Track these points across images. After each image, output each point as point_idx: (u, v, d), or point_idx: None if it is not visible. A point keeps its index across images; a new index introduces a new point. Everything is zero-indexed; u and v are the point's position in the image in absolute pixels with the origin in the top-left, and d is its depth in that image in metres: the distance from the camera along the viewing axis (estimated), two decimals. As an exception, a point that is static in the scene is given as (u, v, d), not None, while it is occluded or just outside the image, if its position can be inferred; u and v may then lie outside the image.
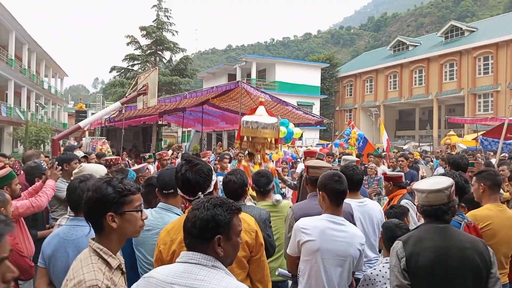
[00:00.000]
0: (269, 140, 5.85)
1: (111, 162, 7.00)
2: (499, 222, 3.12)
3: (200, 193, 2.20)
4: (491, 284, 2.21)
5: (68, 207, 2.69)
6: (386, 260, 2.89)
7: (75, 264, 1.78)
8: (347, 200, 3.56)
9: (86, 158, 7.02)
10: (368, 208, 3.58)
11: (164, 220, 2.59)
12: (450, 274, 2.17)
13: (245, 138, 5.94)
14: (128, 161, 11.16)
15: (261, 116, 5.86)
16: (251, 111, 6.26)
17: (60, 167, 4.21)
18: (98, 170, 3.57)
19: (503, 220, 3.14)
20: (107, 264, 1.76)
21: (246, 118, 5.89)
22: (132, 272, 2.61)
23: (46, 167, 4.38)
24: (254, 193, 4.09)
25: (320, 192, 2.83)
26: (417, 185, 2.42)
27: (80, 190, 2.54)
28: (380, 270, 2.94)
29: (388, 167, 9.99)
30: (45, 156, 7.69)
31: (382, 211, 3.69)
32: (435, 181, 2.39)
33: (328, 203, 2.79)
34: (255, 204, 3.85)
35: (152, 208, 2.79)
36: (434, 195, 2.27)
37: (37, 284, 2.46)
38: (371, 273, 2.97)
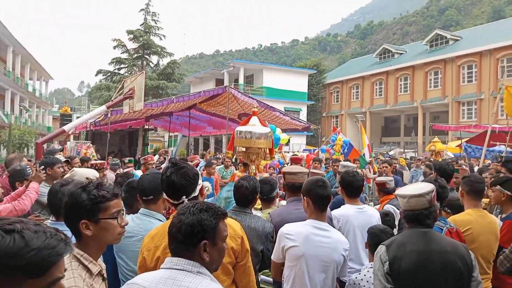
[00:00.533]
0: (263, 150, 5.87)
1: (96, 167, 6.89)
2: (479, 227, 3.17)
3: (184, 197, 2.17)
4: (473, 287, 2.24)
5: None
6: (371, 265, 2.91)
7: None
8: (346, 206, 3.57)
9: (68, 163, 6.84)
10: (368, 215, 3.54)
11: (146, 226, 2.54)
12: (432, 278, 2.20)
13: (238, 149, 5.96)
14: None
15: (255, 126, 5.86)
16: (244, 121, 6.25)
17: (44, 170, 4.13)
18: (89, 174, 3.50)
19: (483, 225, 3.19)
20: (88, 270, 1.72)
21: (239, 128, 5.87)
22: (114, 279, 2.56)
23: (31, 172, 4.28)
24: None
25: (304, 197, 2.84)
26: (400, 190, 2.47)
27: (61, 194, 2.50)
28: (364, 275, 2.96)
29: (374, 173, 10.06)
30: (28, 160, 7.53)
31: (380, 218, 3.66)
32: (416, 186, 2.45)
33: (312, 208, 2.81)
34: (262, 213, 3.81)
35: (133, 213, 2.73)
36: (415, 200, 2.31)
37: None
38: (356, 277, 2.99)
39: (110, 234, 1.77)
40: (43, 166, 4.22)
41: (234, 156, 6.50)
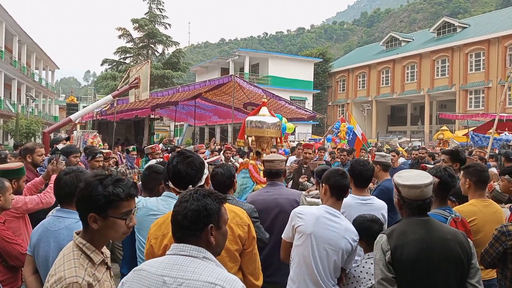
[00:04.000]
0: (273, 139, 6.11)
1: (104, 156, 6.94)
2: (484, 218, 3.15)
3: (190, 186, 2.18)
4: (472, 274, 2.27)
5: None
6: (368, 255, 2.93)
7: (58, 259, 1.75)
8: (349, 197, 3.55)
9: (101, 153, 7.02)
10: (372, 208, 3.45)
11: (170, 206, 2.64)
12: (433, 266, 2.21)
13: (249, 138, 6.22)
14: (120, 155, 11.06)
15: (265, 116, 6.11)
16: (254, 111, 6.51)
17: (63, 161, 4.17)
18: None
19: (487, 215, 3.17)
20: (90, 259, 1.73)
21: (250, 118, 6.12)
22: (132, 251, 2.78)
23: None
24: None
25: (323, 184, 2.93)
26: (402, 179, 2.40)
27: (63, 182, 2.56)
28: (363, 267, 2.93)
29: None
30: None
31: (386, 213, 3.56)
32: (417, 174, 2.42)
33: (328, 195, 2.88)
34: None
35: (151, 196, 2.94)
36: (427, 189, 2.30)
37: (23, 272, 2.52)
38: (355, 270, 2.96)
39: (115, 232, 1.77)
40: (63, 157, 4.28)
41: (248, 144, 6.79)
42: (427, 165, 4.84)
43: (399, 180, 2.40)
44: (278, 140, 6.30)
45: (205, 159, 5.36)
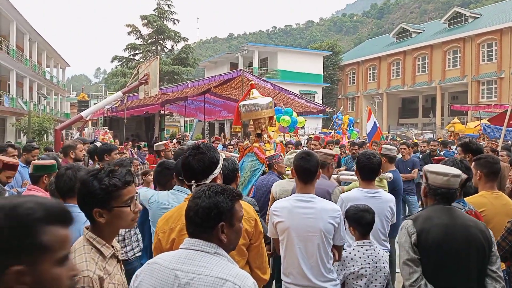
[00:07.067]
0: (268, 118, 6.22)
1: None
2: (493, 209, 3.14)
3: (193, 181, 2.20)
4: (492, 261, 2.35)
5: None
6: (357, 243, 3.08)
7: None
8: (356, 190, 3.54)
9: (180, 143, 7.26)
10: (381, 200, 3.44)
11: (179, 199, 2.94)
12: (457, 250, 2.31)
13: (247, 122, 6.30)
14: (131, 151, 11.16)
15: (257, 98, 6.21)
16: (244, 95, 6.63)
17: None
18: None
19: (497, 207, 3.15)
20: (101, 253, 1.75)
21: (244, 102, 6.19)
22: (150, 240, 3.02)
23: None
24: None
25: (292, 170, 3.05)
26: (431, 167, 2.54)
27: (66, 177, 2.62)
28: (350, 253, 3.05)
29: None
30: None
31: (394, 206, 3.54)
32: (448, 166, 2.56)
33: (297, 181, 2.97)
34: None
35: (164, 190, 3.27)
36: (454, 179, 2.42)
37: None
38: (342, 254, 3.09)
39: (123, 221, 1.80)
40: (99, 154, 4.53)
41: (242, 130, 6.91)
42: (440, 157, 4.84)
43: (429, 167, 2.55)
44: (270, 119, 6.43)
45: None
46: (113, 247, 1.84)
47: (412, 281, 2.32)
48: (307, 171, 2.89)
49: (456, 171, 2.46)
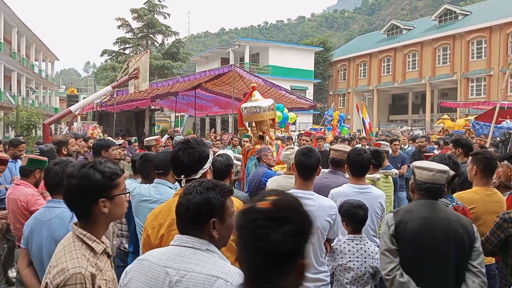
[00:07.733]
0: (270, 120, 6.28)
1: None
2: (484, 206, 3.15)
3: (183, 176, 2.18)
4: (474, 256, 2.36)
5: None
6: (348, 237, 3.12)
7: (58, 250, 1.74)
8: (346, 186, 3.53)
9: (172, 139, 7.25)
10: (371, 196, 3.44)
11: (159, 191, 3.10)
12: (435, 242, 2.33)
13: (249, 124, 6.35)
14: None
15: (259, 100, 6.26)
16: (246, 97, 6.65)
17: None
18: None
19: (488, 205, 3.17)
20: (92, 249, 1.73)
21: (245, 105, 6.23)
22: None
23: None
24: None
25: (292, 165, 3.05)
26: (419, 163, 2.59)
27: (53, 172, 2.61)
28: (340, 245, 3.09)
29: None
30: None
31: (384, 202, 3.56)
32: (436, 163, 2.59)
33: (296, 176, 2.96)
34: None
35: (147, 181, 3.40)
36: (440, 175, 2.44)
37: (18, 265, 2.56)
38: (333, 245, 3.13)
39: (121, 208, 1.83)
40: (96, 150, 4.65)
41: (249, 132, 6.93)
42: (430, 153, 4.87)
43: (416, 163, 2.59)
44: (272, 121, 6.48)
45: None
46: (103, 243, 1.81)
47: (388, 270, 2.37)
48: (308, 167, 2.89)
49: (442, 167, 2.49)
